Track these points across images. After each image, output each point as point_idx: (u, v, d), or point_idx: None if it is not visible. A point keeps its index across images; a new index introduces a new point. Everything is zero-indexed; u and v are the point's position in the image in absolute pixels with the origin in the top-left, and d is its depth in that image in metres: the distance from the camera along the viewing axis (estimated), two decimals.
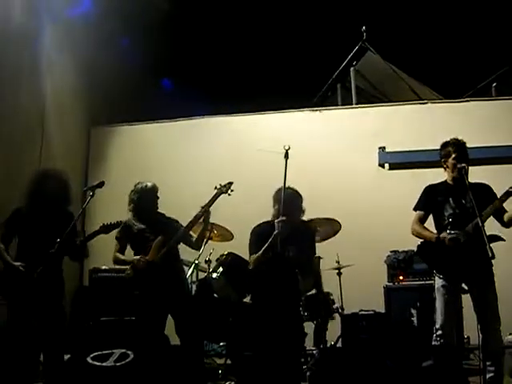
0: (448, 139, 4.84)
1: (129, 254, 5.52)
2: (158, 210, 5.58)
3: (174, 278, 5.39)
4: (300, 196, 5.19)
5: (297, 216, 5.18)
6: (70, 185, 5.24)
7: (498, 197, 4.49)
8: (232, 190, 5.56)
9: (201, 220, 5.51)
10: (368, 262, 7.18)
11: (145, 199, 5.45)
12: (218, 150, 8.76)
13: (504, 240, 4.49)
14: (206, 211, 5.46)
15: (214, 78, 10.23)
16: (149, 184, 5.52)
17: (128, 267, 5.35)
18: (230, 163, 8.62)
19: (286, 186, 5.03)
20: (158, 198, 5.53)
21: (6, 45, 6.90)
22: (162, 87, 10.76)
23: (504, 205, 4.53)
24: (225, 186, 5.54)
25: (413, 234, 4.86)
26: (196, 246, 5.71)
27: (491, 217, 4.55)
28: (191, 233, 5.59)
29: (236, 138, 8.86)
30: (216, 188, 5.56)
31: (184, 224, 5.47)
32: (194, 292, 6.36)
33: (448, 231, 4.57)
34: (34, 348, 4.87)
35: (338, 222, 6.39)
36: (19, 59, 7.23)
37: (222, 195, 5.49)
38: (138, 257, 5.26)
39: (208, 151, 8.77)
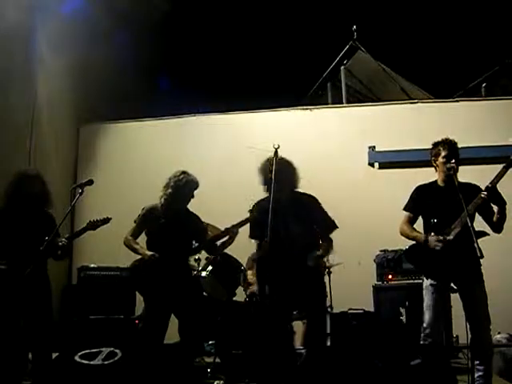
0: (439, 139, 4.84)
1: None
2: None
3: (184, 277, 5.33)
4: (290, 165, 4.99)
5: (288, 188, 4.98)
6: (48, 186, 5.17)
7: (482, 195, 4.46)
8: None
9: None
10: (357, 260, 7.19)
11: (186, 189, 5.32)
12: (209, 149, 8.75)
13: (488, 235, 4.49)
14: (233, 232, 5.43)
15: (206, 76, 10.21)
16: (195, 178, 5.39)
17: (136, 259, 5.31)
18: (221, 161, 8.62)
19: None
20: (193, 196, 5.41)
21: None
22: (154, 85, 10.72)
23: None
24: None
25: (401, 235, 4.85)
26: (214, 253, 5.72)
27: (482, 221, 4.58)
28: None
29: (227, 137, 8.85)
30: (250, 212, 5.53)
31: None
32: None
33: (433, 233, 4.58)
34: (22, 347, 4.85)
35: None
36: (10, 58, 7.17)
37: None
38: (150, 253, 5.15)
39: (199, 149, 8.75)
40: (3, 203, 5.00)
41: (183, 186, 5.29)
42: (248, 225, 5.32)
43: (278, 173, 4.69)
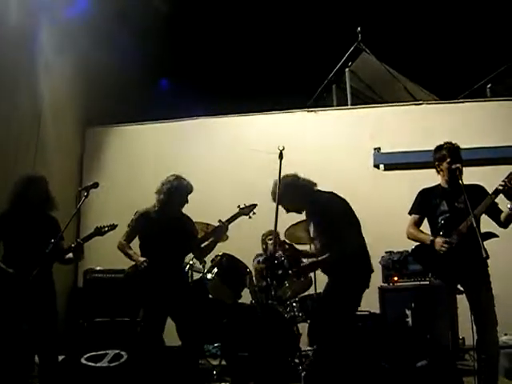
0: (442, 143, 4.84)
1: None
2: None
3: (178, 281, 5.32)
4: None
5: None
6: (50, 190, 5.16)
7: (500, 187, 4.46)
8: (254, 213, 5.55)
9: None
10: None
11: (177, 195, 5.31)
12: (214, 151, 8.75)
13: (497, 236, 4.49)
14: (223, 228, 5.43)
15: (210, 79, 10.23)
16: (189, 183, 5.40)
17: (130, 266, 5.30)
18: (225, 164, 8.63)
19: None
20: (187, 201, 5.40)
21: (2, 46, 6.86)
22: (158, 88, 10.75)
23: (499, 206, 4.54)
24: (248, 207, 5.53)
25: (408, 238, 4.86)
26: (201, 257, 5.73)
27: (489, 219, 4.57)
28: None
29: (231, 139, 8.86)
30: (239, 207, 5.54)
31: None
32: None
33: (441, 233, 4.58)
34: (28, 350, 4.86)
35: None
36: (16, 60, 7.18)
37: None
38: (143, 259, 5.14)
39: (203, 152, 8.76)
40: (8, 206, 5.01)
41: (175, 191, 5.28)
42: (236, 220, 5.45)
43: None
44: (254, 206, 5.53)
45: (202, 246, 5.49)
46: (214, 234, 5.47)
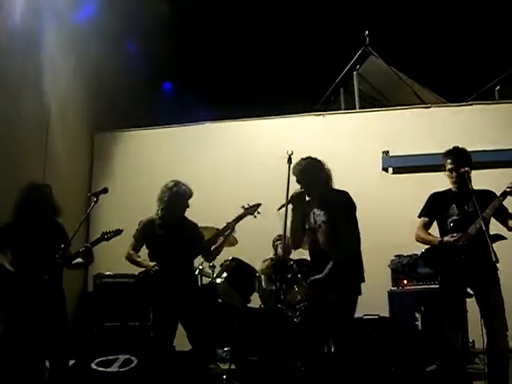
0: (449, 148, 4.85)
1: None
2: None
3: (188, 285, 5.33)
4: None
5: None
6: (55, 196, 5.21)
7: (508, 189, 4.47)
8: (259, 212, 5.58)
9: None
10: (372, 266, 7.15)
11: (178, 200, 5.34)
12: (222, 155, 8.77)
13: (506, 238, 4.49)
14: (230, 228, 5.47)
15: (218, 83, 10.25)
16: (187, 188, 5.42)
17: (141, 271, 5.30)
18: (233, 168, 8.64)
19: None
20: (188, 205, 5.44)
21: (10, 50, 6.89)
22: (166, 92, 10.79)
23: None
24: (253, 206, 5.56)
25: (417, 241, 4.87)
26: (210, 259, 5.75)
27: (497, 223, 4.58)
28: None
29: (239, 143, 8.87)
30: (243, 207, 5.58)
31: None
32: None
33: (450, 235, 4.58)
34: (38, 355, 4.88)
35: None
36: (24, 65, 7.21)
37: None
38: (153, 263, 5.16)
39: (212, 156, 8.78)
40: (13, 215, 5.05)
41: (175, 197, 5.31)
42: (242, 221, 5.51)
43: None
44: (259, 205, 5.57)
45: (212, 248, 5.53)
46: (221, 234, 5.51)
